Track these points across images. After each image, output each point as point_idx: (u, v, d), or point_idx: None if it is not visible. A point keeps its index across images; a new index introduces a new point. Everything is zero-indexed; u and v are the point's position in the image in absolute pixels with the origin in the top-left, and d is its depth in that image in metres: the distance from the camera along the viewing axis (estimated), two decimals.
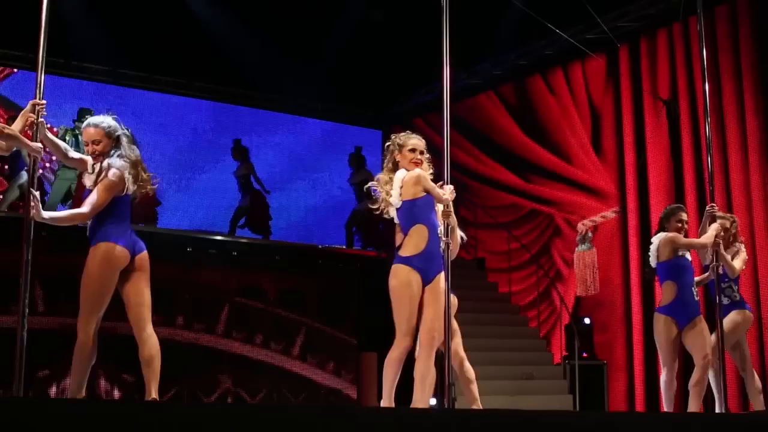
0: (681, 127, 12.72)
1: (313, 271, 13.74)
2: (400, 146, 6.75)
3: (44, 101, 6.22)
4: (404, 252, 6.40)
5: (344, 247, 15.17)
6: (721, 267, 8.05)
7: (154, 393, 6.60)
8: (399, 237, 6.60)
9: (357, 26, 15.42)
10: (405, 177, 6.59)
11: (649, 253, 8.38)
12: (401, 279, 6.35)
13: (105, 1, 14.34)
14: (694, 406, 8.01)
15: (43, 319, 12.05)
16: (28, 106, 6.19)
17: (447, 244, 6.33)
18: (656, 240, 8.33)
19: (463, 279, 11.94)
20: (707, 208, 8.25)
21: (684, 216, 8.34)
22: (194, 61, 15.27)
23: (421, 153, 6.75)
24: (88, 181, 6.43)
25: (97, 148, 6.41)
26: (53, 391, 12.23)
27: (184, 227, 14.77)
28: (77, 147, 12.89)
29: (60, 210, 13.11)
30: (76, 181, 12.60)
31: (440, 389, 6.64)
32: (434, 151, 7.03)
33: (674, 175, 12.84)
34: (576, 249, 12.98)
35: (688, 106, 12.68)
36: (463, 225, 7.86)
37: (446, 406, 6.38)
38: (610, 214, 13.65)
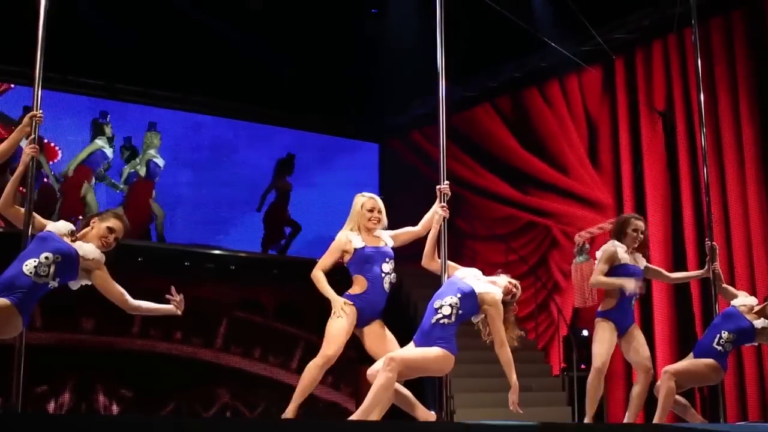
0: (677, 138, 12.75)
1: (311, 285, 13.73)
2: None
3: (41, 112, 6.25)
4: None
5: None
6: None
7: None
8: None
9: (352, 39, 15.45)
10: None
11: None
12: None
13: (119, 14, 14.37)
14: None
15: (41, 335, 12.07)
16: (26, 119, 6.22)
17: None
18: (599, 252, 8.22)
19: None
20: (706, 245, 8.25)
21: (639, 224, 8.06)
22: (190, 74, 15.23)
23: (379, 212, 7.01)
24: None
25: None
26: (51, 406, 12.23)
27: (182, 241, 14.74)
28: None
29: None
30: None
31: (438, 402, 6.65)
32: (431, 163, 7.06)
33: (671, 186, 12.86)
34: (573, 261, 12.94)
35: (684, 117, 12.70)
36: (460, 237, 7.91)
37: (444, 419, 6.41)
38: (607, 225, 13.63)
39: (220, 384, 13.38)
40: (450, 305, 6.49)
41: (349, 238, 7.13)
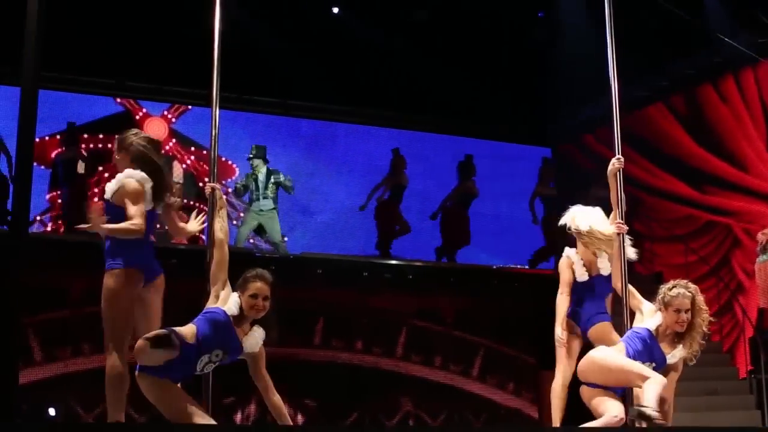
0: None
1: (488, 292, 13.77)
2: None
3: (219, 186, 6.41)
4: None
5: (518, 266, 15.15)
6: None
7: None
8: None
9: (521, 43, 15.43)
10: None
11: None
12: None
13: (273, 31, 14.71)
14: None
15: None
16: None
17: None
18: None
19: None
20: None
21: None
22: (358, 87, 15.43)
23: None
24: None
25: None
26: (238, 417, 12.55)
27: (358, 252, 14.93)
28: (258, 189, 13.40)
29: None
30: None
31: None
32: (605, 166, 7.00)
33: None
34: (757, 260, 12.61)
35: None
36: (638, 239, 7.83)
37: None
38: None
39: (402, 393, 13.50)
40: None
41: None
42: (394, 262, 14.22)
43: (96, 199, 14.09)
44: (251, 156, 13.61)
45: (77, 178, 13.50)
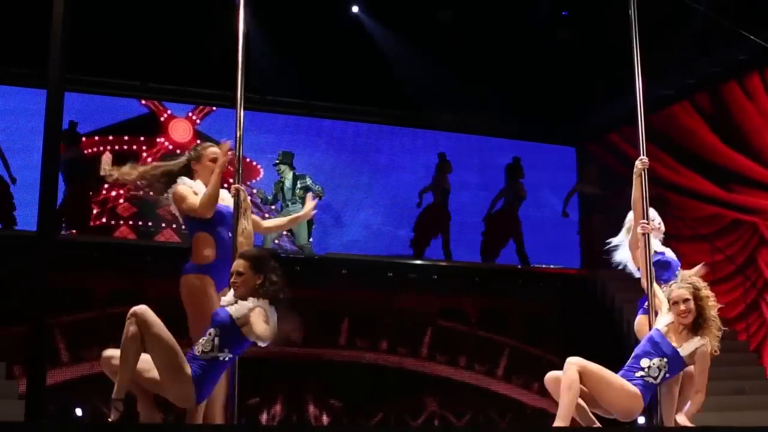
0: None
1: (514, 292, 13.76)
2: None
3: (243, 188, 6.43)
4: None
5: (543, 266, 15.11)
6: None
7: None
8: None
9: (544, 43, 15.39)
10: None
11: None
12: None
13: (289, 34, 14.73)
14: None
15: (251, 348, 12.44)
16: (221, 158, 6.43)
17: None
18: None
19: None
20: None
21: None
22: (380, 89, 15.43)
23: None
24: None
25: None
26: (264, 417, 12.61)
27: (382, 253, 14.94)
28: (285, 195, 13.46)
29: None
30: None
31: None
32: (631, 165, 6.99)
33: None
34: None
35: None
36: (664, 238, 7.82)
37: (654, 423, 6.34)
38: None
39: (427, 393, 13.51)
40: (659, 368, 6.52)
41: None
42: (418, 262, 14.24)
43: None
44: (277, 162, 13.69)
45: (77, 179, 13.52)
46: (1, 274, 11.53)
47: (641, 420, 6.80)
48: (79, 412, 11.98)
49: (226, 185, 6.57)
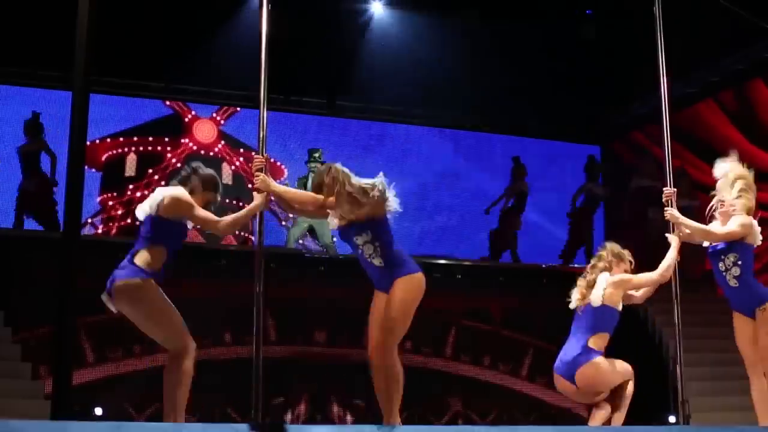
0: None
1: (537, 291, 13.72)
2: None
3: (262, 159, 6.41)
4: None
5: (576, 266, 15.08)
6: None
7: None
8: None
9: (568, 42, 15.35)
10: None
11: None
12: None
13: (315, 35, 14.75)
14: None
15: (276, 348, 12.49)
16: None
17: None
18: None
19: (693, 294, 11.69)
20: None
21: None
22: (403, 89, 15.43)
23: None
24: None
25: None
26: (288, 417, 12.64)
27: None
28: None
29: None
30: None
31: (674, 406, 6.55)
32: (656, 163, 6.97)
33: None
34: None
35: None
36: None
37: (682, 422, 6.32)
38: None
39: (452, 393, 13.50)
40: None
41: None
42: (442, 261, 14.21)
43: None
44: (312, 160, 13.74)
45: (41, 170, 13.37)
46: (29, 275, 11.60)
47: (672, 419, 6.75)
48: (99, 411, 12.01)
49: (250, 185, 6.56)
